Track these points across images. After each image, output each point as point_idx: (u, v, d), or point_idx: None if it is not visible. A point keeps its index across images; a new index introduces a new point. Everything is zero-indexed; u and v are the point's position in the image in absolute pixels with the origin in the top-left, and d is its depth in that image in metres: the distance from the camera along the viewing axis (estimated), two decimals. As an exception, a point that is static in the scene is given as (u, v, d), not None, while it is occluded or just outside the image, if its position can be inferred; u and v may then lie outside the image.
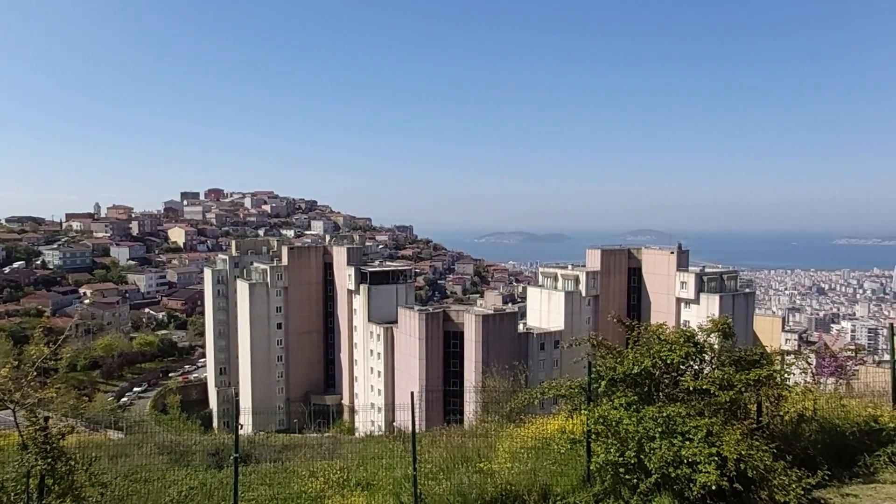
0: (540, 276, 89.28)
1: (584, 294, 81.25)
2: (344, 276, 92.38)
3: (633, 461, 9.09)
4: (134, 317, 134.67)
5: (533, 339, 74.96)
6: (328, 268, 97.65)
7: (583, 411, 10.02)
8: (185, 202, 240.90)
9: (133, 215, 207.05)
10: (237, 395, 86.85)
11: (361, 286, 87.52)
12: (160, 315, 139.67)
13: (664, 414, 9.06)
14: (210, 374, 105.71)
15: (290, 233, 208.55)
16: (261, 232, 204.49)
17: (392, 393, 79.97)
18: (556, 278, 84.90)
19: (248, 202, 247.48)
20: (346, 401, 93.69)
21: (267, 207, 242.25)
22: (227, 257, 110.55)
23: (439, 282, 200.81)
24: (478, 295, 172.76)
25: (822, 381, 16.03)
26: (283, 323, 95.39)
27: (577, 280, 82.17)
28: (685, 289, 78.11)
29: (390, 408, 70.60)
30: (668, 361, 9.83)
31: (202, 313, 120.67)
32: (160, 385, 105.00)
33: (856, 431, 10.37)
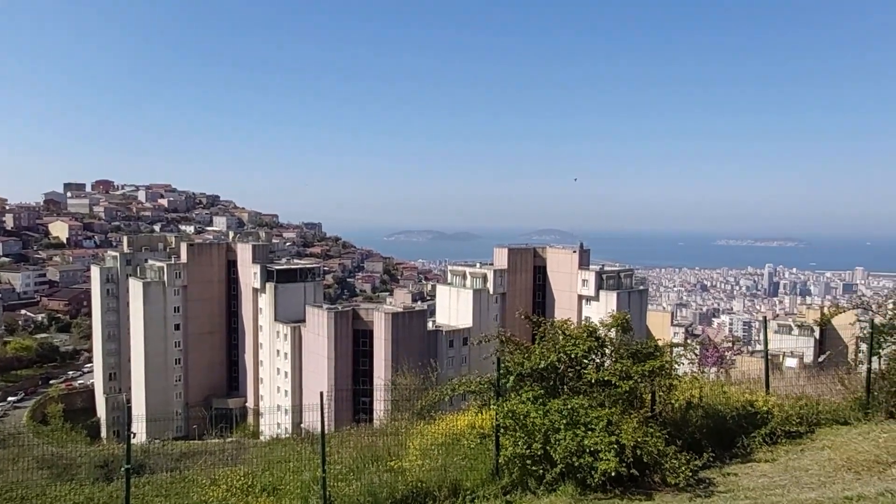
0: (449, 275, 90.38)
1: (491, 292, 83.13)
2: (249, 274, 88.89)
3: (539, 453, 9.44)
4: (8, 319, 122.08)
5: (442, 336, 75.75)
6: (232, 266, 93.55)
7: (492, 406, 10.27)
8: (68, 194, 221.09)
9: (7, 207, 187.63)
10: (129, 401, 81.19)
11: (268, 284, 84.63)
12: (39, 317, 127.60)
13: (569, 406, 9.47)
14: (98, 381, 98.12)
15: (190, 229, 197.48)
16: (157, 228, 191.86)
17: (300, 394, 78.02)
18: (464, 276, 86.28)
19: (142, 195, 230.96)
20: (250, 404, 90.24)
21: (164, 202, 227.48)
22: (117, 254, 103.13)
23: (348, 280, 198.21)
24: (387, 293, 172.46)
25: (706, 370, 17.40)
26: (181, 324, 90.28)
27: (485, 278, 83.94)
28: (586, 286, 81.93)
29: (298, 409, 68.81)
30: (573, 356, 10.29)
31: (89, 314, 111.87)
32: (39, 394, 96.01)
33: (735, 416, 11.32)
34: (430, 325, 78.61)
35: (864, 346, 13.37)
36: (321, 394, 10.54)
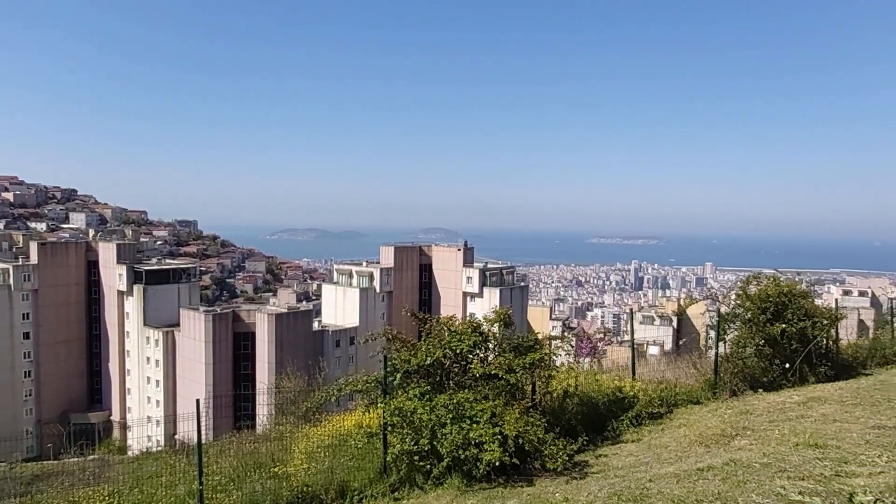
0: (335, 274, 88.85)
1: (378, 290, 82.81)
2: (113, 275, 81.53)
3: (426, 448, 9.58)
4: None
5: (328, 336, 74.29)
6: (93, 267, 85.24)
7: (379, 404, 10.26)
8: None
9: None
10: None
11: (135, 286, 78.15)
12: None
13: (455, 400, 9.70)
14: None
15: (42, 226, 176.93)
16: (0, 224, 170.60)
17: (173, 403, 72.93)
18: (351, 275, 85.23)
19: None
20: (116, 417, 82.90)
21: (9, 195, 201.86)
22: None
23: (228, 280, 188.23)
24: (271, 293, 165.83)
25: (580, 360, 18.56)
26: (32, 332, 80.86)
27: (371, 277, 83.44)
28: (471, 283, 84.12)
29: (171, 419, 64.31)
30: (458, 351, 10.54)
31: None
32: None
33: (606, 401, 12.20)
34: (315, 326, 76.77)
35: (712, 333, 14.93)
36: (197, 401, 9.95)
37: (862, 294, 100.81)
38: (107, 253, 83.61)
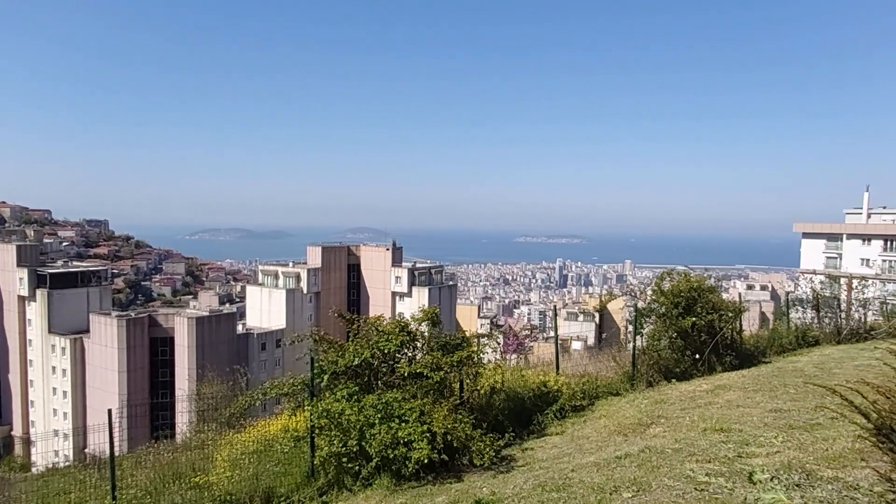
0: (260, 275, 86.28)
1: (305, 291, 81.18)
2: (12, 279, 75.51)
3: (355, 449, 9.52)
4: None
5: (253, 339, 72.07)
6: (-12, 270, 78.64)
7: (306, 407, 10.10)
8: None
9: None
10: None
11: (39, 291, 72.77)
12: None
13: (383, 400, 9.69)
14: None
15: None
16: None
17: (83, 415, 68.46)
18: (276, 276, 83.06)
19: None
20: (17, 431, 76.87)
21: None
22: None
23: (143, 283, 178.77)
24: (191, 296, 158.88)
25: (507, 356, 18.99)
26: (-84, 343, 73.74)
27: (298, 277, 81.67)
28: (399, 283, 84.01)
29: (81, 432, 60.29)
30: (386, 351, 10.54)
31: None
32: None
33: (532, 396, 12.54)
34: (240, 329, 74.27)
35: (631, 328, 15.68)
36: (109, 411, 9.43)
37: (763, 288, 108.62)
38: (5, 255, 77.31)
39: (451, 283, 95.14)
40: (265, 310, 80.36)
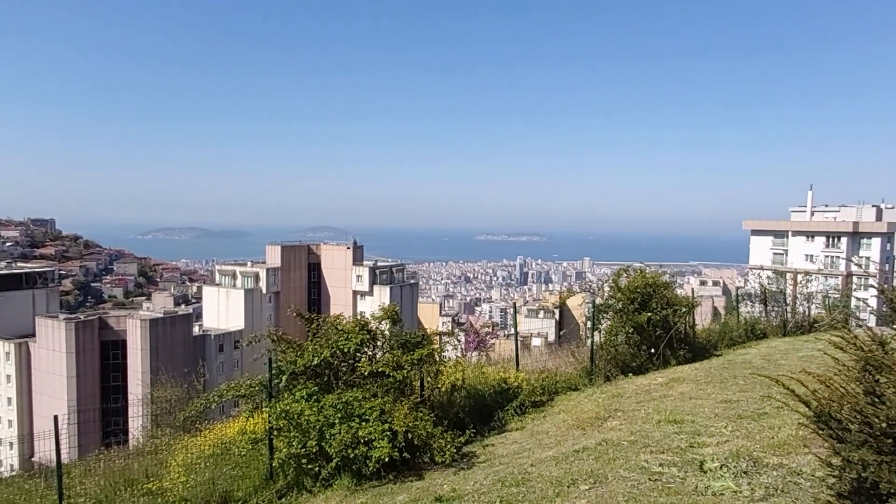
0: (217, 275, 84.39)
1: (264, 291, 79.83)
2: (-50, 282, 71.79)
3: (315, 450, 9.42)
4: None
5: (210, 340, 70.49)
6: (-77, 272, 74.49)
7: (264, 409, 9.94)
8: None
9: None
10: None
11: (-21, 294, 69.39)
12: None
13: (343, 400, 9.62)
14: None
15: None
16: None
17: (30, 422, 65.62)
18: (234, 276, 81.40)
19: None
20: (-44, 442, 73.14)
21: None
22: None
23: (94, 285, 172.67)
24: (144, 297, 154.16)
25: (469, 354, 19.10)
26: None
27: (257, 277, 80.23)
28: (361, 282, 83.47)
29: (26, 440, 57.80)
30: (346, 350, 10.45)
31: None
32: None
33: (492, 393, 12.64)
34: (196, 330, 72.51)
35: (589, 324, 15.97)
36: (55, 417, 9.07)
37: (715, 284, 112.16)
38: (-58, 256, 73.51)
39: (412, 281, 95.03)
40: (223, 310, 78.68)
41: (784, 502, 5.75)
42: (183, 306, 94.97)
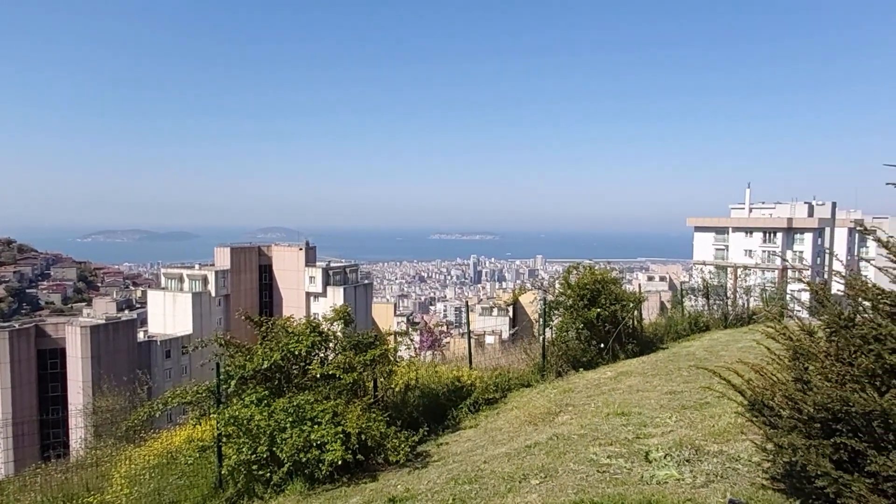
0: (163, 278, 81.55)
1: (213, 294, 77.69)
2: None
3: (265, 455, 9.24)
4: None
5: (156, 347, 68.10)
6: None
7: (212, 415, 9.69)
8: None
9: None
10: None
11: None
12: None
13: (294, 403, 9.47)
14: None
15: None
16: None
17: (-42, 438, 61.87)
18: (181, 279, 78.86)
19: None
20: None
21: None
22: None
23: (29, 291, 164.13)
24: (84, 303, 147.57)
25: (423, 353, 19.10)
26: None
27: (205, 280, 78.00)
28: (314, 283, 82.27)
29: (-45, 458, 54.45)
30: (297, 352, 10.30)
31: None
32: None
33: (446, 391, 12.69)
34: (141, 336, 69.93)
35: (541, 320, 16.22)
36: (-12, 432, 8.60)
37: (662, 279, 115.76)
38: None
39: (366, 281, 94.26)
40: (169, 315, 76.16)
41: (723, 488, 6.01)
42: (127, 312, 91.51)
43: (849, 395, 3.92)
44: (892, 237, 4.49)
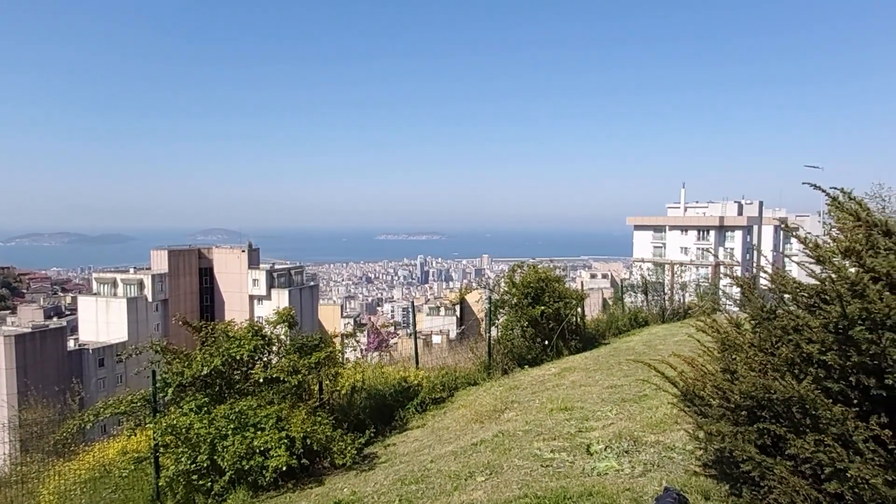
0: (95, 283, 77.85)
1: (151, 299, 74.76)
2: None
3: (206, 464, 8.98)
4: None
5: (88, 355, 64.95)
6: None
7: (148, 425, 9.32)
8: None
9: None
10: None
11: None
12: None
13: (236, 409, 9.24)
14: None
15: None
16: None
17: None
18: (115, 284, 75.49)
19: None
20: None
21: None
22: None
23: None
24: (8, 311, 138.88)
25: (369, 354, 18.98)
26: None
27: (141, 284, 74.97)
28: (257, 286, 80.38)
29: None
30: (238, 357, 10.05)
31: None
32: None
33: (392, 392, 12.65)
34: (71, 344, 66.51)
35: (487, 319, 16.40)
36: None
37: (604, 276, 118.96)
38: None
39: (312, 283, 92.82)
40: (103, 322, 72.77)
41: (659, 476, 6.25)
42: (55, 319, 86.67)
43: (770, 383, 4.15)
44: (810, 234, 4.79)
